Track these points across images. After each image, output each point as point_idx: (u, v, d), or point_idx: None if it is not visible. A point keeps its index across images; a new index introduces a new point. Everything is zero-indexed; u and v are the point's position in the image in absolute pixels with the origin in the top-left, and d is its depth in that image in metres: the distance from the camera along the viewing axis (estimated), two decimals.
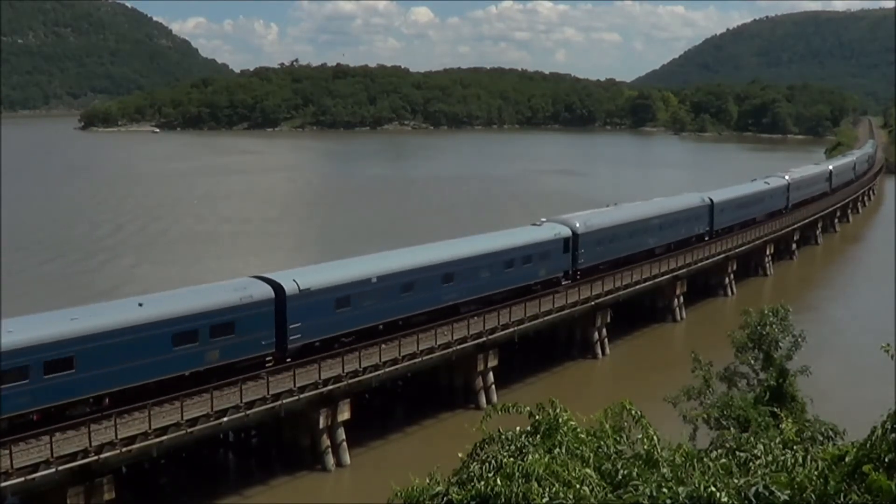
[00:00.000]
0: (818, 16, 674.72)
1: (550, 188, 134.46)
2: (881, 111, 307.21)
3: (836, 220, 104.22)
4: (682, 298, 61.57)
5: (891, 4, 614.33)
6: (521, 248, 48.29)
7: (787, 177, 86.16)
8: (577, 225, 52.57)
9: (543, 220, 53.46)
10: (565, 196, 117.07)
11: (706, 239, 67.12)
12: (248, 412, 32.68)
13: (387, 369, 37.99)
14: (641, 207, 62.74)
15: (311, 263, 46.12)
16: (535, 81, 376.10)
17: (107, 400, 30.92)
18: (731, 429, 17.80)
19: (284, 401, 33.92)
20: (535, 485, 8.06)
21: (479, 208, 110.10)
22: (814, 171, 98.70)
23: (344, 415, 36.32)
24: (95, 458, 28.14)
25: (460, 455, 9.44)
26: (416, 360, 39.33)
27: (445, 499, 8.46)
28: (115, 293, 55.78)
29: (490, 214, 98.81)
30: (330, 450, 35.99)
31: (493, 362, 43.75)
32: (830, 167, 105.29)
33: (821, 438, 14.90)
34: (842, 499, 7.11)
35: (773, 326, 23.54)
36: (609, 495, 8.07)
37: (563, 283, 50.74)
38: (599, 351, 52.38)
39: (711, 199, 68.47)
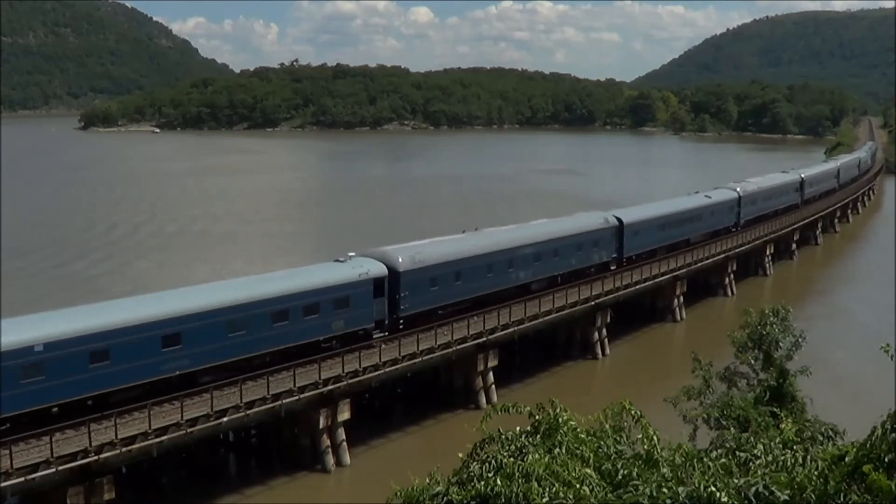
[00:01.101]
0: (818, 16, 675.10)
1: (550, 188, 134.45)
2: (881, 111, 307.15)
3: (836, 220, 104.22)
4: (682, 298, 61.56)
5: (891, 4, 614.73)
6: (304, 293, 36.93)
7: (738, 189, 74.45)
8: (400, 260, 41.18)
9: (351, 253, 41.17)
10: (565, 195, 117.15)
11: (612, 268, 55.61)
12: (248, 412, 32.67)
13: (387, 369, 37.97)
14: (510, 233, 50.19)
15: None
16: (535, 81, 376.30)
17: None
18: (731, 429, 17.76)
19: (284, 401, 33.91)
20: (535, 485, 8.06)
21: (477, 206, 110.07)
22: (777, 181, 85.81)
23: (344, 415, 36.31)
24: (95, 458, 28.12)
25: (460, 455, 9.44)
26: (416, 360, 39.32)
27: (445, 499, 8.46)
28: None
29: (490, 213, 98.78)
30: (330, 450, 35.98)
31: (493, 362, 43.74)
32: (802, 175, 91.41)
33: (821, 438, 14.87)
34: (842, 499, 7.11)
35: (774, 326, 23.49)
36: (609, 495, 8.07)
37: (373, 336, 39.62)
38: (599, 351, 52.37)
39: (620, 220, 56.91)
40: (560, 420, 9.53)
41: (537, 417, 9.74)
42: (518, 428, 9.67)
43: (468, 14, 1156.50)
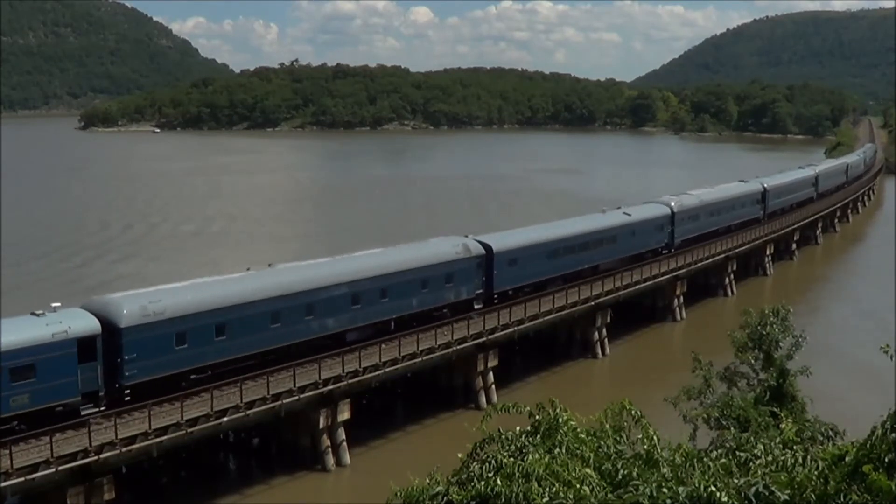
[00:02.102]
0: (818, 16, 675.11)
1: (550, 187, 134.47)
2: (881, 111, 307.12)
3: (836, 220, 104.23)
4: (682, 298, 61.56)
5: (891, 4, 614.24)
6: None
7: (672, 203, 63.99)
8: (124, 312, 31.32)
9: (56, 304, 31.20)
10: (564, 195, 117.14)
11: (478, 307, 45.12)
12: (248, 412, 32.67)
13: (387, 369, 37.98)
14: (317, 269, 39.54)
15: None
16: (535, 81, 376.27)
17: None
18: (731, 429, 17.79)
19: (284, 401, 33.92)
20: (535, 485, 8.06)
21: (480, 206, 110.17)
22: (729, 193, 74.58)
23: (344, 415, 36.32)
24: (95, 458, 28.13)
25: (460, 455, 9.44)
26: (416, 360, 39.33)
27: (445, 499, 8.46)
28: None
29: (490, 211, 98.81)
30: (330, 450, 35.98)
31: (493, 362, 43.74)
32: (766, 185, 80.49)
33: (821, 438, 14.89)
34: (842, 499, 7.11)
35: (774, 326, 23.51)
36: (609, 495, 8.07)
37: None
38: (599, 351, 52.37)
39: (488, 247, 45.92)
40: (560, 420, 9.53)
41: (537, 417, 9.75)
42: (518, 428, 9.67)
43: (468, 14, 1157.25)
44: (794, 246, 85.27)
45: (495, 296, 46.03)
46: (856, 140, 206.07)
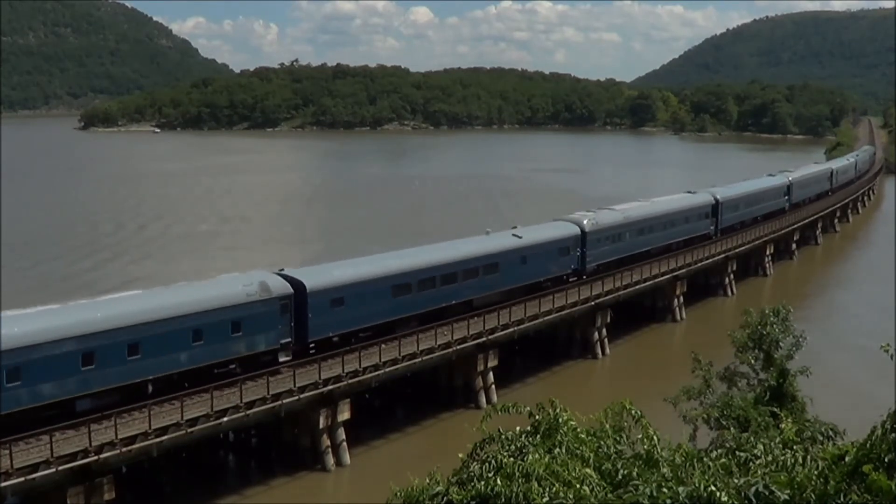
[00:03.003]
0: (818, 16, 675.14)
1: (551, 187, 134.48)
2: (881, 111, 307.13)
3: (836, 220, 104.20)
4: (682, 298, 61.56)
5: (891, 4, 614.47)
6: None
7: (585, 221, 53.95)
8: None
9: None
10: (563, 194, 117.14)
11: (284, 359, 36.81)
12: (248, 412, 32.68)
13: (387, 369, 37.99)
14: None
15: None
16: (535, 81, 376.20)
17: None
18: (731, 429, 17.79)
19: (284, 401, 33.93)
20: (535, 485, 8.06)
21: (481, 205, 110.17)
22: (670, 206, 63.88)
23: (344, 415, 36.33)
24: (95, 458, 28.13)
25: (460, 455, 9.44)
26: (416, 360, 39.34)
27: (445, 499, 8.46)
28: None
29: (489, 210, 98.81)
30: (330, 450, 35.99)
31: (493, 362, 43.76)
32: (718, 196, 69.19)
33: (821, 438, 14.88)
34: (842, 499, 7.11)
35: (774, 326, 23.51)
36: (609, 495, 8.07)
37: None
38: (599, 351, 52.38)
39: (302, 286, 37.31)
40: (560, 420, 9.53)
41: (537, 417, 9.74)
42: (518, 428, 9.67)
43: (467, 14, 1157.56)
44: (794, 246, 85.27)
45: (312, 345, 37.41)
46: (856, 140, 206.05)
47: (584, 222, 53.61)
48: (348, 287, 38.83)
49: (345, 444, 36.53)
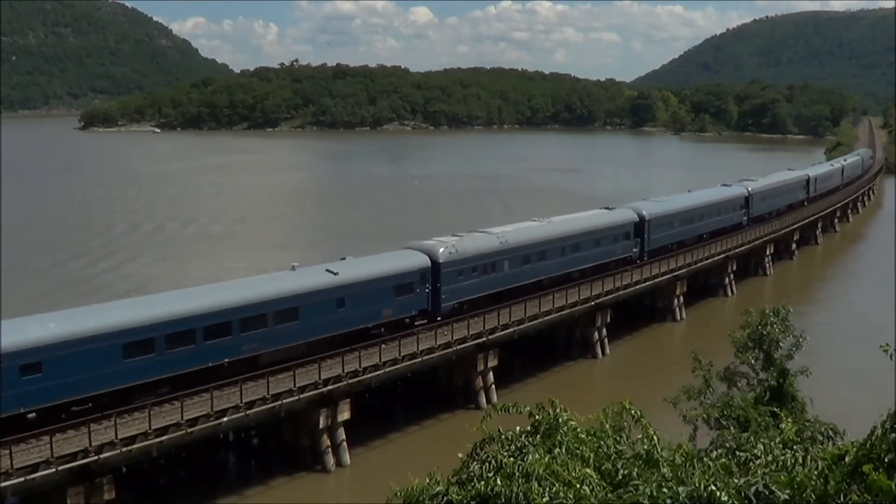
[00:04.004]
0: (818, 16, 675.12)
1: (551, 186, 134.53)
2: (881, 111, 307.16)
3: (836, 220, 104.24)
4: (682, 298, 61.56)
5: (891, 4, 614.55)
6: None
7: (440, 250, 43.88)
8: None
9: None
10: (564, 193, 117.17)
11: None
12: (248, 412, 32.69)
13: (387, 369, 38.00)
14: None
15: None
16: (534, 81, 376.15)
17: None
18: (731, 429, 17.78)
19: (284, 401, 33.93)
20: (536, 485, 8.06)
21: (481, 205, 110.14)
22: (567, 228, 53.05)
23: (344, 415, 36.33)
24: (95, 458, 28.14)
25: (460, 455, 9.44)
26: (416, 360, 39.34)
27: (445, 499, 8.46)
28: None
29: (491, 209, 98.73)
30: (330, 450, 36.00)
31: (493, 362, 43.76)
32: (644, 213, 59.41)
33: (821, 438, 14.88)
34: (842, 499, 7.11)
35: (774, 326, 23.50)
36: (609, 495, 8.07)
37: None
38: (599, 351, 52.38)
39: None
40: (560, 420, 9.53)
41: (537, 417, 9.75)
42: (518, 428, 9.67)
43: (467, 14, 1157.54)
44: (794, 246, 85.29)
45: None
46: (856, 140, 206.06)
47: (440, 251, 43.63)
48: (51, 349, 29.49)
49: (345, 444, 36.53)
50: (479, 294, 45.63)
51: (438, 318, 42.54)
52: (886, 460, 7.23)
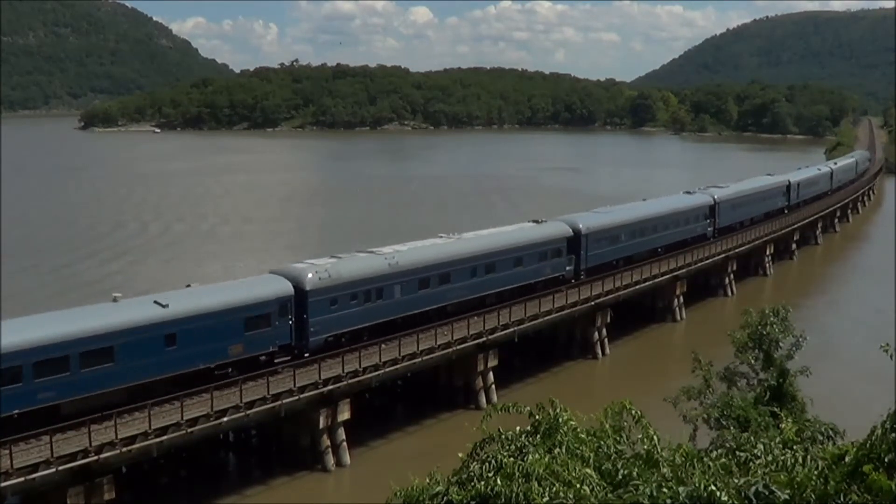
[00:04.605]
0: (818, 16, 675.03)
1: (549, 186, 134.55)
2: (881, 111, 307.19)
3: (837, 220, 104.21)
4: (682, 298, 61.56)
5: (891, 4, 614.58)
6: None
7: (308, 275, 38.01)
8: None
9: None
10: (562, 193, 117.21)
11: None
12: (248, 412, 32.69)
13: (387, 369, 38.00)
14: None
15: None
16: (534, 81, 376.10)
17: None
18: (731, 429, 17.78)
19: (284, 401, 33.94)
20: (536, 485, 8.06)
21: (480, 204, 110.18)
22: (468, 246, 46.27)
23: (344, 415, 36.34)
24: (95, 458, 28.14)
25: (460, 455, 9.44)
26: (416, 360, 39.34)
27: (445, 499, 8.46)
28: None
29: (488, 208, 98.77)
30: (330, 450, 36.00)
31: (493, 362, 43.76)
32: (581, 226, 53.38)
33: (821, 438, 14.88)
34: (842, 499, 7.11)
35: (774, 326, 23.50)
36: (609, 495, 8.07)
37: None
38: (599, 351, 52.38)
39: None
40: (560, 420, 9.53)
41: (537, 417, 9.75)
42: (518, 428, 9.66)
43: (467, 14, 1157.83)
44: (794, 246, 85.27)
45: None
46: (856, 140, 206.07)
47: (307, 276, 37.80)
48: None
49: (345, 444, 36.54)
50: (360, 325, 39.52)
51: (306, 355, 36.60)
52: (886, 460, 7.23)
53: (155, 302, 33.49)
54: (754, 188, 79.00)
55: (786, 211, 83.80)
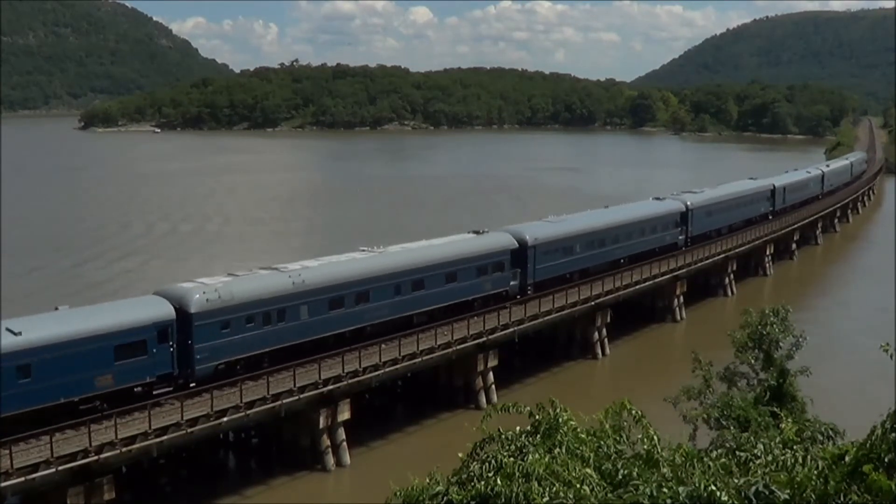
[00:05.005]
0: (818, 16, 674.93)
1: (549, 185, 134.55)
2: (881, 111, 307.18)
3: (836, 220, 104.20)
4: (682, 298, 61.57)
5: (891, 4, 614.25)
6: None
7: (196, 297, 34.20)
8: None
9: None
10: (563, 192, 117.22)
11: None
12: (248, 412, 32.69)
13: (387, 369, 38.00)
14: None
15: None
16: (534, 81, 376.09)
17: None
18: (731, 429, 17.79)
19: (284, 401, 33.94)
20: (536, 485, 8.06)
21: (480, 203, 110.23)
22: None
23: (344, 415, 36.34)
24: (95, 458, 28.15)
25: (460, 455, 9.43)
26: (416, 360, 39.35)
27: (445, 499, 8.45)
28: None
29: (487, 207, 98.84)
30: (330, 450, 36.01)
31: (493, 362, 43.77)
32: (527, 237, 49.71)
33: (821, 438, 14.88)
34: (842, 499, 7.11)
35: (774, 326, 23.52)
36: (609, 495, 8.07)
37: None
38: (599, 351, 52.38)
39: None
40: (560, 420, 9.52)
41: (537, 417, 9.74)
42: (518, 428, 9.66)
43: (467, 14, 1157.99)
44: (794, 246, 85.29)
45: None
46: (856, 140, 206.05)
47: (193, 298, 34.05)
48: None
49: (345, 444, 36.55)
50: (259, 350, 35.75)
51: (192, 385, 33.13)
52: (886, 460, 7.23)
53: (7, 329, 29.35)
54: (733, 193, 74.71)
55: (770, 217, 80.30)
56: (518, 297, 48.02)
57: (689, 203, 65.75)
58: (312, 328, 37.73)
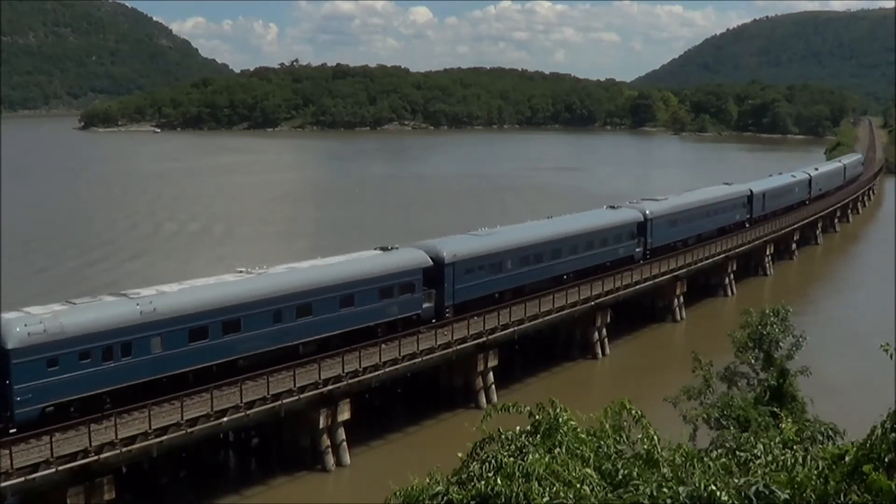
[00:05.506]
0: (818, 16, 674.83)
1: (549, 185, 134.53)
2: (881, 111, 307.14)
3: (837, 220, 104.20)
4: (682, 298, 61.56)
5: (891, 4, 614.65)
6: None
7: (17, 329, 29.25)
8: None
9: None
10: (563, 191, 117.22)
11: None
12: (248, 412, 32.69)
13: (387, 369, 38.00)
14: None
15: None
16: (534, 81, 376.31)
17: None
18: (731, 429, 17.78)
19: (284, 401, 33.94)
20: (536, 484, 8.06)
21: (481, 203, 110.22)
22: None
23: (344, 415, 36.34)
24: (95, 458, 28.14)
25: (460, 455, 9.44)
26: (416, 360, 39.35)
27: (445, 499, 8.46)
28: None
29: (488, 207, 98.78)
30: (330, 450, 36.01)
31: (493, 362, 43.77)
32: (442, 255, 44.36)
33: (821, 438, 14.88)
34: (842, 499, 7.11)
35: (774, 326, 23.51)
36: (609, 495, 8.07)
37: None
38: (599, 351, 52.38)
39: None
40: (560, 420, 9.53)
41: (537, 417, 9.74)
42: (518, 428, 9.66)
43: (467, 14, 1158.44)
44: (794, 246, 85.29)
45: None
46: (856, 140, 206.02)
47: (14, 331, 29.40)
48: None
49: (345, 444, 36.55)
50: (98, 390, 30.89)
51: (12, 431, 28.40)
52: (886, 460, 7.23)
53: None
54: (702, 200, 69.49)
55: (747, 225, 75.24)
56: (434, 321, 42.71)
57: (647, 212, 60.47)
58: (167, 363, 32.79)
